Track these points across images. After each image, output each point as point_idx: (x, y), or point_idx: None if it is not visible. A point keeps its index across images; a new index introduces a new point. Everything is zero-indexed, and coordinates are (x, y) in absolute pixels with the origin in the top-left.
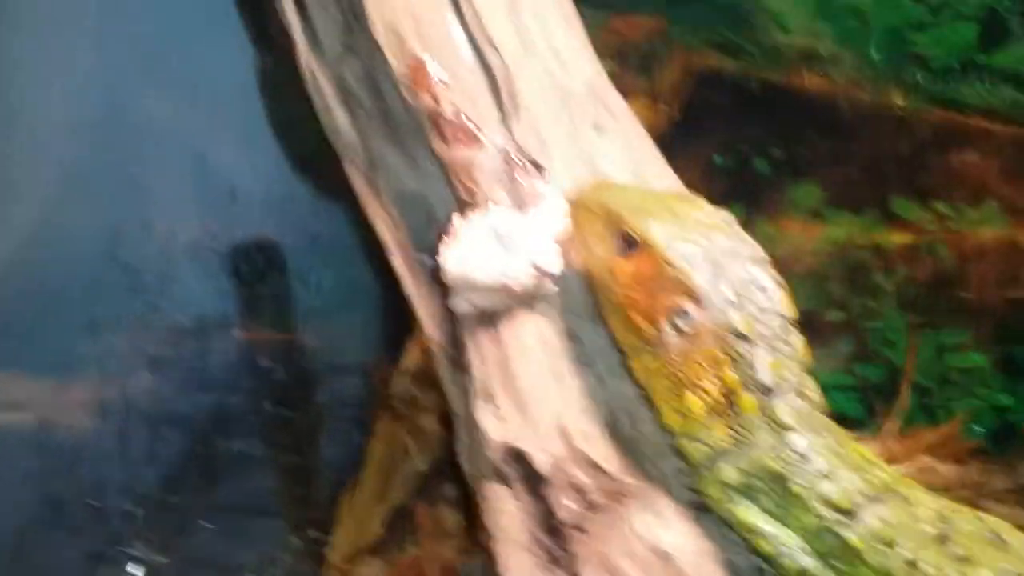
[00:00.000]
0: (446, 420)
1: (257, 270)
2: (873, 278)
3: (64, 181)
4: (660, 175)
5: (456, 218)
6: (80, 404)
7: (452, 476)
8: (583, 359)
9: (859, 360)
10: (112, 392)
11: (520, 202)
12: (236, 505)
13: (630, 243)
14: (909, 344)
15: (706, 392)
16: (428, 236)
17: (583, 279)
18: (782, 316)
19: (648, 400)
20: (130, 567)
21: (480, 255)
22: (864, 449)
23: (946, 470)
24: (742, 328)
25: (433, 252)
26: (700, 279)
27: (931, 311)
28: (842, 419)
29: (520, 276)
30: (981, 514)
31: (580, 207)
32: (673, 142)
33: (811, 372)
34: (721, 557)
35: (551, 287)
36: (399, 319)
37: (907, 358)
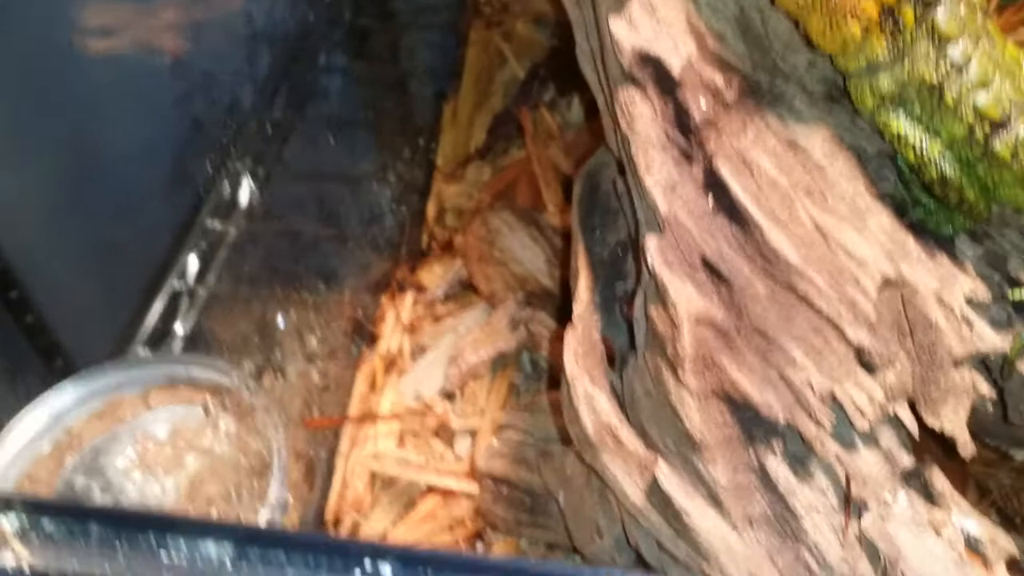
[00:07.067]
0: (541, 24)
1: None
2: None
3: None
4: None
5: None
6: (169, 27)
7: (550, 79)
8: None
9: None
10: (198, 13)
11: None
12: (343, 119)
13: None
14: None
15: (864, 12)
16: None
17: None
18: None
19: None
20: None
21: None
22: (1019, 52)
23: None
24: None
25: None
26: None
27: None
28: None
29: None
30: None
31: None
32: None
33: None
34: (851, 144)
35: None
36: None
37: None
